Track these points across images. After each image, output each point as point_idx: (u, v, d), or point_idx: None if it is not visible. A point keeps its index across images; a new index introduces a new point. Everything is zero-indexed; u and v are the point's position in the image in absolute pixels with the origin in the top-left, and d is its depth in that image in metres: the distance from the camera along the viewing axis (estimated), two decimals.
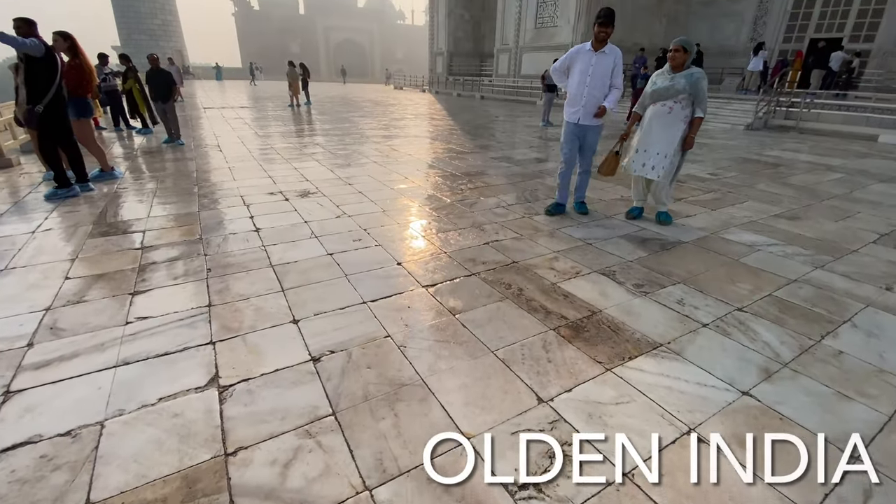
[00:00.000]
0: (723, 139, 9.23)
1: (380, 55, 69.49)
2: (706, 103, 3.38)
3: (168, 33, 42.20)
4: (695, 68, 3.32)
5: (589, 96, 3.39)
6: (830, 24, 16.07)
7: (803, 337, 2.10)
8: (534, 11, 18.87)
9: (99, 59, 8.72)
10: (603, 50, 3.32)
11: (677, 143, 3.42)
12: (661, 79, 3.42)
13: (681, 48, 3.28)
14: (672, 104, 3.35)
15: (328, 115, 12.28)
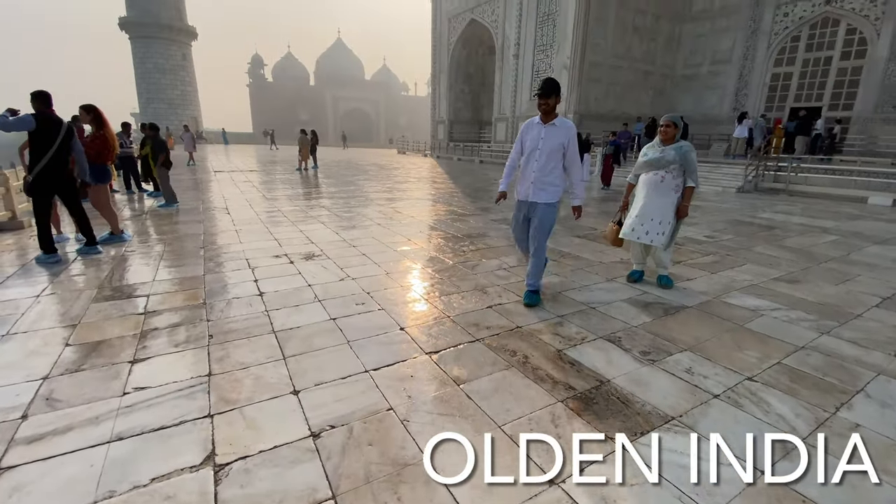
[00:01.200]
0: (716, 202, 9.51)
1: (384, 123, 73.42)
2: (696, 174, 3.53)
3: (186, 102, 44.90)
4: (683, 141, 3.52)
5: (539, 171, 3.08)
6: (809, 93, 17.16)
7: (818, 409, 2.04)
8: (528, 84, 20.23)
9: (122, 128, 9.28)
10: (553, 123, 3.04)
11: (672, 210, 3.54)
12: (651, 150, 3.60)
13: (671, 124, 3.50)
14: (664, 174, 3.50)
15: (334, 179, 12.75)
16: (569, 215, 3.71)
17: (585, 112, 18.36)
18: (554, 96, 2.96)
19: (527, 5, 19.69)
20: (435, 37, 28.51)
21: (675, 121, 3.51)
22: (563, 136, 3.03)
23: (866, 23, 15.22)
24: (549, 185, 3.09)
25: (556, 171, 3.08)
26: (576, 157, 3.08)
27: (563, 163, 3.10)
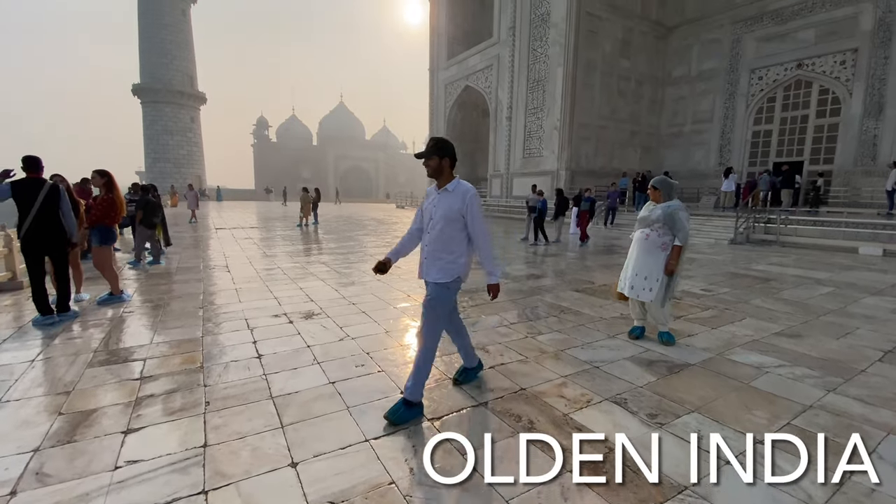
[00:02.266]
0: (710, 254, 9.65)
1: (384, 179, 75.70)
2: (686, 233, 3.55)
3: (191, 161, 46.45)
4: (674, 201, 3.65)
5: (431, 244, 2.56)
6: (790, 149, 17.97)
7: (832, 472, 1.98)
8: (521, 143, 21.17)
9: (131, 189, 9.58)
10: (447, 188, 2.54)
11: (658, 267, 3.60)
12: (643, 209, 3.77)
13: (652, 188, 3.71)
14: (649, 231, 3.63)
15: (334, 234, 12.94)
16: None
17: (577, 168, 19.07)
18: (436, 157, 2.49)
19: (518, 73, 21.06)
20: (432, 101, 30.17)
21: (657, 184, 3.68)
22: (459, 202, 2.49)
23: (838, 84, 16.27)
24: (441, 262, 2.55)
25: (451, 244, 2.54)
26: (480, 228, 2.54)
27: (463, 234, 2.56)
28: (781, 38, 17.59)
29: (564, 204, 11.62)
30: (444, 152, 2.52)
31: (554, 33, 18.74)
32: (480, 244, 2.59)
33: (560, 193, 11.84)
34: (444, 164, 2.52)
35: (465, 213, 2.51)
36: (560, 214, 11.59)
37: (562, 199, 11.61)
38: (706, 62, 20.04)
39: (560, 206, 11.52)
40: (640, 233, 3.67)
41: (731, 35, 19.10)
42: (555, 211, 11.64)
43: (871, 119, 15.53)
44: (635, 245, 3.72)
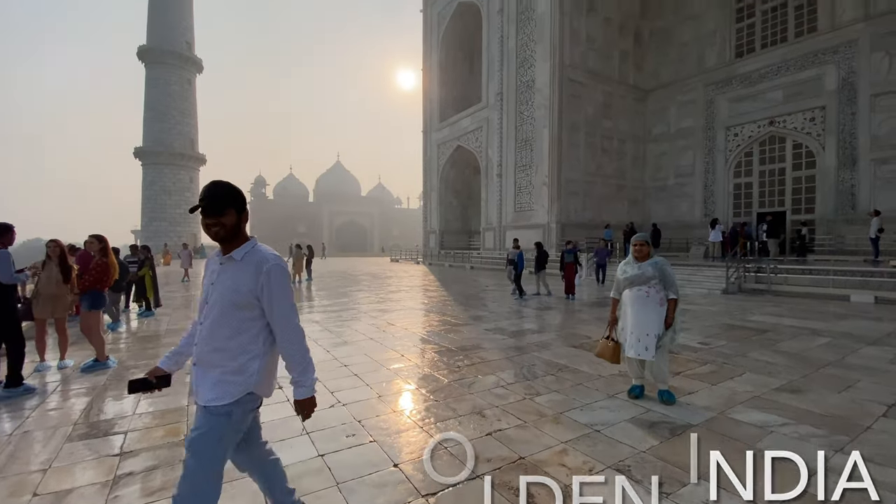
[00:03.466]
0: (704, 304, 9.67)
1: (379, 233, 76.68)
2: (676, 285, 3.68)
3: (187, 220, 46.97)
4: (657, 257, 3.75)
5: (203, 344, 1.67)
6: (771, 200, 18.60)
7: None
8: (512, 198, 21.78)
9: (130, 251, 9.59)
10: (231, 255, 1.69)
11: (660, 322, 3.61)
12: (629, 268, 3.75)
13: (644, 243, 3.72)
14: (647, 289, 3.64)
15: (327, 291, 12.88)
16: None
17: (567, 221, 19.50)
18: (232, 211, 1.67)
19: (506, 134, 22.12)
20: (426, 160, 31.33)
21: (647, 239, 3.75)
22: (250, 277, 1.65)
23: (810, 138, 17.20)
24: (217, 371, 1.65)
25: (234, 342, 1.66)
26: (286, 317, 1.70)
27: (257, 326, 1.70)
28: (752, 99, 18.81)
29: (544, 257, 11.43)
30: (241, 204, 1.71)
31: (539, 98, 19.93)
32: (285, 341, 1.71)
33: (539, 247, 11.66)
34: (242, 220, 1.72)
35: (260, 294, 1.65)
36: (541, 268, 11.31)
37: (541, 253, 11.43)
38: (683, 121, 21.23)
39: (540, 260, 11.30)
40: (638, 291, 3.65)
41: (704, 97, 20.41)
42: (535, 264, 11.35)
43: (845, 170, 16.27)
44: (632, 304, 3.67)
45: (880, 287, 9.93)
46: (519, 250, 11.40)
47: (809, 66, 17.12)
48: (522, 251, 11.61)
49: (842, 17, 16.52)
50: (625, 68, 21.90)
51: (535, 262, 11.34)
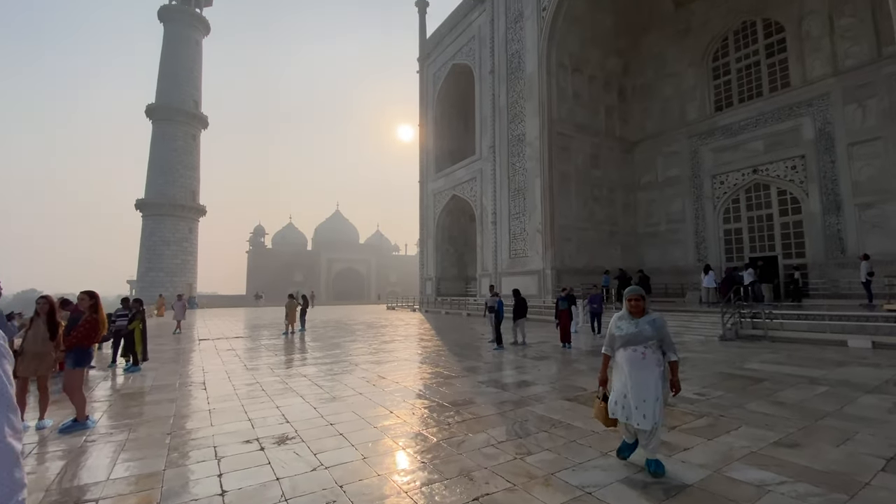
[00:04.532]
0: (701, 351, 9.55)
1: (376, 280, 76.59)
2: (674, 345, 3.43)
3: (184, 270, 46.93)
4: (655, 313, 3.45)
5: None
6: (762, 244, 18.83)
7: None
8: (507, 245, 22.02)
9: (121, 304, 9.56)
10: None
11: (658, 386, 3.30)
12: (625, 324, 3.44)
13: (640, 297, 3.44)
14: (644, 349, 3.33)
15: (320, 342, 12.68)
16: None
17: (562, 267, 19.60)
18: None
19: (500, 184, 22.75)
20: (422, 209, 31.95)
21: (643, 294, 3.47)
22: None
23: (793, 185, 17.70)
24: None
25: None
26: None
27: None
28: (734, 149, 19.56)
29: (522, 305, 11.13)
30: None
31: (530, 150, 20.70)
32: None
33: (517, 294, 11.39)
34: None
35: None
36: (520, 317, 11.01)
37: (519, 300, 11.15)
38: (670, 170, 21.94)
39: (518, 308, 11.00)
40: (634, 352, 3.33)
41: (688, 147, 21.24)
42: (513, 312, 11.03)
43: (831, 215, 16.63)
44: (629, 366, 3.34)
45: (877, 332, 9.87)
46: (498, 297, 11.17)
47: (786, 118, 17.97)
48: (501, 299, 11.35)
49: (812, 73, 17.55)
50: (611, 122, 22.92)
51: (514, 309, 11.04)
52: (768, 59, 19.16)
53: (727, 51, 20.62)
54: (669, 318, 14.26)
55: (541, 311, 18.08)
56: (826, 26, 17.21)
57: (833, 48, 17.00)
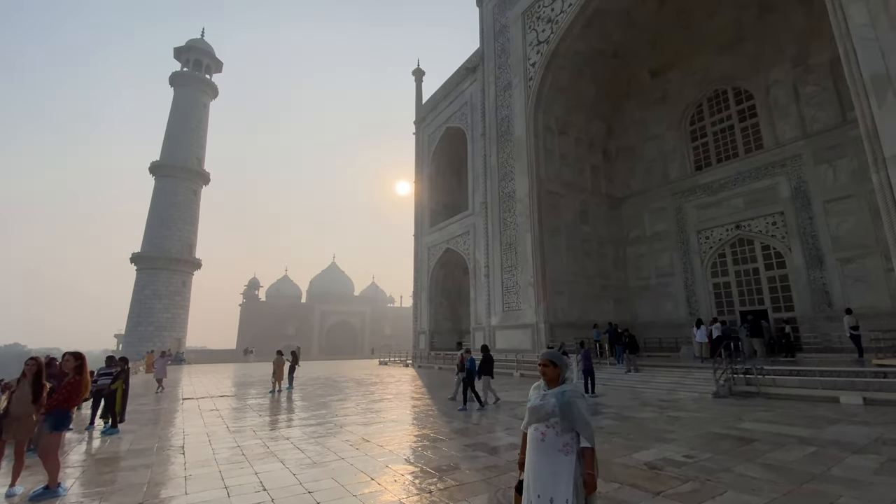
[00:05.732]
0: (693, 410, 9.42)
1: (369, 333, 75.45)
2: (590, 429, 2.57)
3: (174, 325, 46.22)
4: (568, 385, 2.71)
5: None
6: (751, 298, 19.02)
7: None
8: (500, 298, 22.10)
9: (106, 362, 9.44)
10: None
11: (563, 481, 2.49)
12: (535, 394, 2.78)
13: (549, 363, 2.75)
14: (544, 429, 2.59)
15: (307, 401, 12.37)
16: None
17: (555, 321, 19.58)
18: None
19: (492, 238, 23.26)
20: (416, 262, 32.32)
21: (554, 359, 2.75)
22: None
23: (775, 240, 18.21)
24: None
25: None
26: None
27: None
28: (717, 206, 20.32)
29: (489, 362, 10.79)
30: None
31: (520, 206, 21.40)
32: None
33: (486, 350, 11.10)
34: None
35: None
36: (485, 373, 10.62)
37: (487, 357, 10.85)
38: (657, 225, 22.61)
39: (484, 365, 10.62)
40: (535, 431, 2.64)
41: (673, 204, 22.04)
42: (479, 369, 10.65)
43: (815, 270, 16.99)
44: (529, 448, 2.67)
45: (867, 387, 9.82)
46: (470, 355, 10.82)
47: (763, 177, 18.86)
48: (474, 357, 10.98)
49: (783, 136, 18.67)
50: (597, 180, 23.91)
51: (480, 366, 10.66)
52: (741, 123, 20.43)
53: (703, 115, 22.01)
54: (662, 374, 14.13)
55: (535, 367, 17.81)
56: (792, 94, 18.55)
57: (800, 113, 18.22)
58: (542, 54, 21.25)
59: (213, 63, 56.57)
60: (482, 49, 26.32)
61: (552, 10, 21.00)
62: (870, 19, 10.76)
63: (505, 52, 24.16)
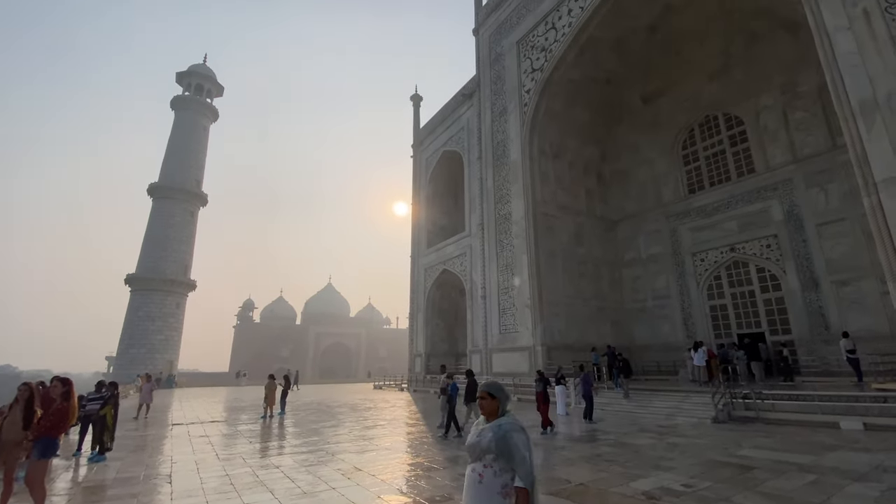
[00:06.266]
0: (693, 436, 9.27)
1: (365, 355, 74.48)
2: (528, 468, 2.29)
3: (166, 347, 45.54)
4: (505, 419, 2.43)
5: None
6: (748, 321, 18.97)
7: None
8: (497, 320, 21.96)
9: (95, 387, 9.26)
10: None
11: None
12: (474, 429, 2.50)
13: (486, 395, 2.50)
14: (482, 469, 2.33)
15: (299, 427, 12.11)
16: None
17: (552, 344, 19.41)
18: None
19: (488, 259, 23.29)
20: (413, 283, 32.24)
21: (492, 391, 2.50)
22: None
23: (770, 263, 18.29)
24: None
25: None
26: None
27: None
28: (711, 228, 20.50)
29: (474, 387, 10.30)
30: None
31: (516, 228, 21.53)
32: None
33: (470, 375, 10.77)
34: None
35: None
36: (471, 400, 10.12)
37: (471, 382, 10.56)
38: (652, 248, 22.73)
39: (470, 390, 10.25)
40: (471, 472, 2.37)
41: (667, 227, 22.22)
42: (465, 395, 10.28)
43: (810, 292, 17.01)
44: (466, 491, 2.39)
45: (867, 412, 9.73)
46: (452, 380, 10.53)
47: (755, 200, 19.10)
48: (456, 382, 10.65)
49: (774, 160, 18.99)
50: (592, 202, 24.16)
51: (465, 392, 10.30)
52: (732, 148, 20.81)
53: (694, 140, 22.43)
54: (660, 398, 13.94)
55: (532, 391, 17.54)
56: (781, 120, 18.97)
57: (790, 138, 18.59)
58: (536, 81, 21.77)
59: (215, 87, 57.59)
60: (478, 76, 26.95)
61: (546, 39, 21.64)
62: (856, 47, 11.08)
63: (500, 78, 24.75)
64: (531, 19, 22.86)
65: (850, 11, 11.28)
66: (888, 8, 10.74)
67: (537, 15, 22.41)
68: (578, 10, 19.82)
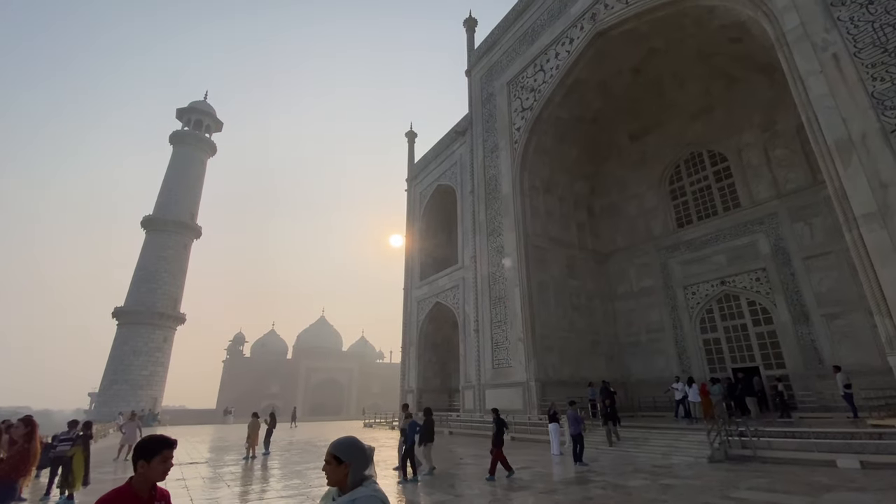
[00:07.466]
0: (688, 477, 8.99)
1: (357, 391, 72.57)
2: None
3: (151, 383, 44.23)
4: (363, 490, 1.89)
5: None
6: (742, 355, 18.82)
7: None
8: (490, 355, 21.64)
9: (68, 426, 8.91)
10: None
11: None
12: (324, 502, 2.00)
13: (331, 458, 1.96)
14: None
15: (283, 470, 11.63)
16: None
17: (546, 379, 19.06)
18: None
19: (481, 292, 23.23)
20: (406, 315, 31.94)
21: (339, 453, 1.95)
22: None
23: (760, 296, 18.36)
24: None
25: None
26: None
27: None
28: (700, 262, 20.69)
29: (431, 426, 10.06)
30: None
31: (508, 261, 21.62)
32: None
33: (428, 413, 10.34)
34: None
35: None
36: (427, 440, 9.78)
37: (429, 420, 10.11)
38: (644, 281, 22.83)
39: (426, 430, 9.82)
40: None
41: (658, 260, 22.42)
42: (421, 435, 9.74)
43: (801, 326, 17.01)
44: None
45: (863, 449, 9.51)
46: (411, 419, 10.08)
47: (742, 234, 19.41)
48: (416, 420, 10.22)
49: (758, 195, 19.45)
50: (583, 235, 24.42)
51: (422, 432, 9.80)
52: (718, 184, 21.33)
53: (681, 176, 23.01)
54: (656, 436, 13.60)
55: (527, 430, 17.12)
56: (763, 157, 19.58)
57: (773, 174, 19.12)
58: (526, 120, 22.47)
59: (214, 123, 58.83)
60: (471, 114, 27.81)
61: (535, 80, 22.51)
62: (829, 89, 11.58)
63: (492, 117, 25.54)
64: (520, 62, 23.84)
65: (821, 56, 11.87)
66: (856, 53, 11.33)
67: (526, 58, 23.39)
68: (565, 53, 20.74)
